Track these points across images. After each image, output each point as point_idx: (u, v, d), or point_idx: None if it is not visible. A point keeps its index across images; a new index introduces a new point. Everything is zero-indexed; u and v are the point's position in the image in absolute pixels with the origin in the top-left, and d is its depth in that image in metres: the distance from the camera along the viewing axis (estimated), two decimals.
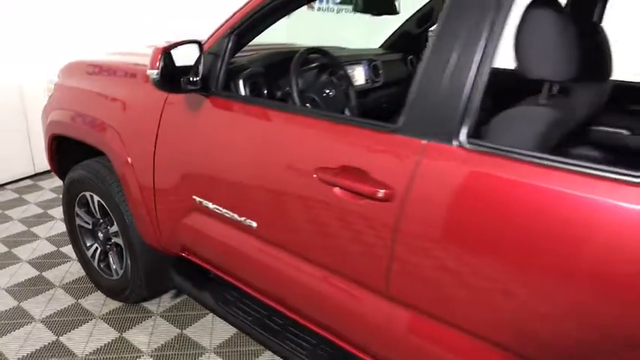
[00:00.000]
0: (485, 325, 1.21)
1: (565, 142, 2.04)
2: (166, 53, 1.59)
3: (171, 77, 1.63)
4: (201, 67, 1.69)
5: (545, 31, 1.29)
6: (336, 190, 1.38)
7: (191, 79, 1.67)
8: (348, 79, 2.22)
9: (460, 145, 1.18)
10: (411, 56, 2.98)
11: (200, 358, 2.18)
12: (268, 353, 2.18)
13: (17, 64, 3.74)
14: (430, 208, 1.21)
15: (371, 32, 3.28)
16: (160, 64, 1.56)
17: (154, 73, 1.58)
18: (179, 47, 1.64)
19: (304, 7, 4.97)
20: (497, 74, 2.67)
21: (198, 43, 1.70)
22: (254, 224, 1.67)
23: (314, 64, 2.17)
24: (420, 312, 1.32)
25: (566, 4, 2.05)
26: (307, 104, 1.94)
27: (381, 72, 2.69)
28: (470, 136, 1.18)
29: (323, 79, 2.10)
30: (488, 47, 1.17)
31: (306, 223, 1.51)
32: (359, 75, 2.50)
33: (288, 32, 5.07)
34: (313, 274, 1.55)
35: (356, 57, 2.59)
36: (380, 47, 3.07)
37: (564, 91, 1.52)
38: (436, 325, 1.30)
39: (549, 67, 1.30)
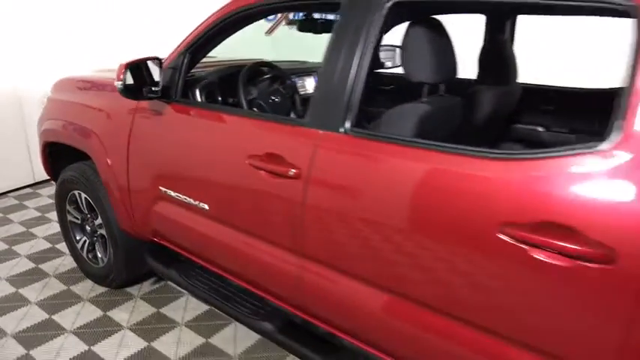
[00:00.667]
0: (370, 271, 1.56)
1: (490, 137, 2.42)
2: (130, 67, 1.97)
3: (137, 88, 2.01)
4: (161, 79, 2.07)
5: (420, 44, 1.66)
6: (262, 172, 1.75)
7: (152, 88, 2.05)
8: (294, 88, 2.60)
9: (345, 133, 1.55)
10: None
11: (172, 330, 2.52)
12: (231, 326, 2.53)
13: (18, 81, 4.14)
14: (325, 183, 1.57)
15: None
16: (123, 76, 1.95)
17: (119, 84, 1.96)
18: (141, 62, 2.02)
19: (286, 26, 5.38)
20: (397, 78, 3.06)
21: (158, 59, 2.08)
22: (206, 207, 2.03)
23: (267, 76, 2.55)
24: (326, 265, 1.67)
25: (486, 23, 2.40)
26: (255, 109, 2.32)
27: None
28: (353, 125, 1.54)
29: (272, 88, 2.48)
30: (365, 54, 1.54)
31: (243, 202, 1.88)
32: (309, 84, 2.88)
33: (272, 47, 5.49)
34: (253, 245, 1.91)
35: (309, 69, 2.97)
36: None
37: (450, 91, 1.88)
38: (337, 275, 1.65)
39: (425, 72, 1.67)
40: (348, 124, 1.55)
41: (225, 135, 1.93)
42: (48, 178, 3.05)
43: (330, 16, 2.53)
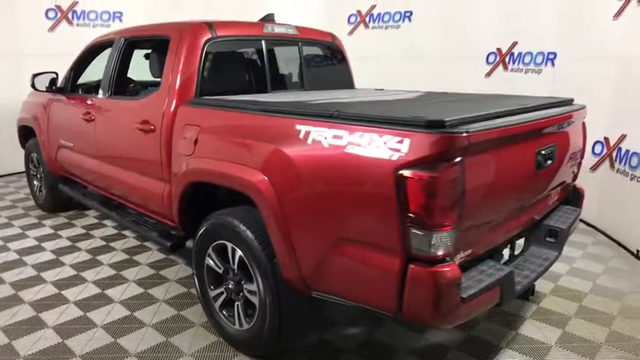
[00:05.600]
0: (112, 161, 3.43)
1: None
2: (34, 75, 3.99)
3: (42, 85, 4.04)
4: (59, 83, 4.08)
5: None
6: (86, 122, 3.66)
7: (52, 87, 4.06)
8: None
9: (108, 98, 3.46)
10: None
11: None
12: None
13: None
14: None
15: None
16: (32, 80, 3.97)
17: (30, 83, 3.99)
18: (43, 75, 4.04)
19: None
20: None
21: (56, 73, 4.10)
22: (71, 145, 3.97)
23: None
24: (107, 162, 3.54)
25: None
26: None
27: None
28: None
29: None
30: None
31: (78, 137, 3.80)
32: None
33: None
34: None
35: None
36: None
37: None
38: (107, 165, 3.51)
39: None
40: (109, 93, 3.46)
41: (76, 106, 3.89)
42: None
43: None
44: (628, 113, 4.16)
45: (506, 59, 5.63)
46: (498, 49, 5.67)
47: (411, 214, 1.73)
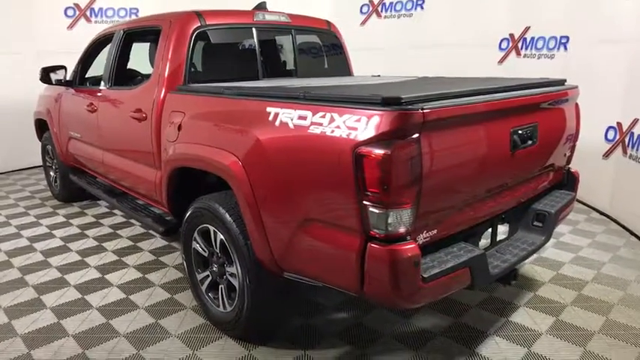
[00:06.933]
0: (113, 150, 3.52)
1: None
2: (43, 69, 4.14)
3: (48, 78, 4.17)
4: (68, 76, 4.22)
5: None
6: (90, 112, 3.78)
7: (62, 80, 4.21)
8: None
9: (109, 89, 3.56)
10: None
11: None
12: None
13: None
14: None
15: None
16: (40, 74, 4.12)
17: (39, 77, 4.14)
18: (53, 67, 4.19)
19: None
20: None
21: (65, 67, 4.24)
22: (79, 135, 4.11)
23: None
24: (110, 152, 3.64)
25: None
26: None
27: None
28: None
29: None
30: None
31: (85, 128, 3.92)
32: None
33: None
34: (87, 148, 3.91)
35: None
36: None
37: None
38: (112, 155, 3.61)
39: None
40: (110, 84, 3.56)
41: (82, 98, 4.01)
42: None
43: None
44: None
45: (519, 45, 5.48)
46: (511, 35, 5.53)
47: (368, 192, 1.72)
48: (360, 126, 1.74)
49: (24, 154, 6.47)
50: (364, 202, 1.74)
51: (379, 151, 1.68)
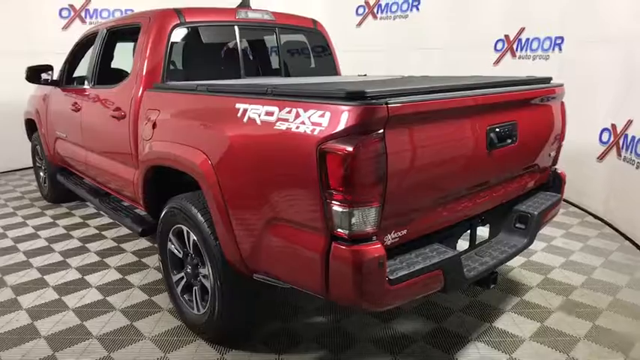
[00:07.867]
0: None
1: None
2: (29, 68, 4.10)
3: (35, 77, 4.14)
4: (55, 76, 4.19)
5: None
6: (74, 111, 3.74)
7: (48, 80, 4.17)
8: None
9: (92, 87, 3.52)
10: None
11: None
12: None
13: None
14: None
15: None
16: (26, 73, 4.08)
17: (25, 76, 4.11)
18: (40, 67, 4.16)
19: None
20: None
21: (51, 67, 4.20)
22: (64, 135, 4.07)
23: None
24: (90, 151, 3.60)
25: None
26: None
27: None
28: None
29: None
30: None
31: (70, 127, 3.88)
32: None
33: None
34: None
35: None
36: None
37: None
38: (92, 154, 3.57)
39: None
40: (93, 83, 3.52)
41: (67, 97, 3.97)
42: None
43: None
44: (634, 95, 3.90)
45: (514, 46, 5.40)
46: (506, 36, 5.45)
47: (331, 190, 1.66)
48: (324, 121, 1.68)
49: (17, 155, 6.43)
50: (328, 201, 1.67)
51: (342, 147, 1.62)
